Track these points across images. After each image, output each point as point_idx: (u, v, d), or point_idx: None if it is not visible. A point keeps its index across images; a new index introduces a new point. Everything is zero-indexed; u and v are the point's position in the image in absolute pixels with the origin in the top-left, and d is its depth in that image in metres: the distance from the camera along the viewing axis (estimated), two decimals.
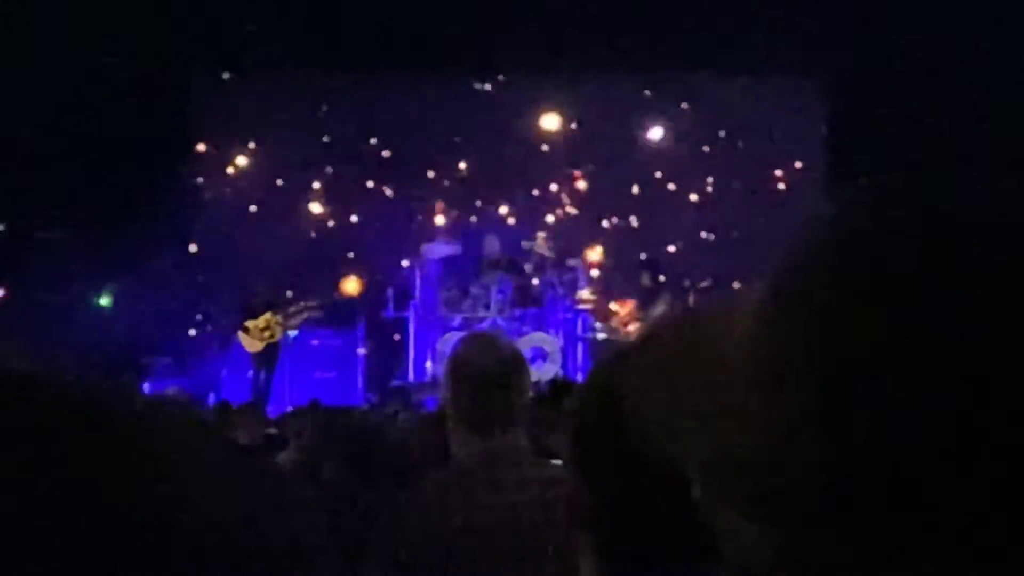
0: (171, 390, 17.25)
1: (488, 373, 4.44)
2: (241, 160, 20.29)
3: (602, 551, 2.07)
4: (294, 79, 19.67)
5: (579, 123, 20.29)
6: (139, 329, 18.11)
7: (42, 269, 17.35)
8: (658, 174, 20.44)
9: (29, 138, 17.42)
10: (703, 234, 20.31)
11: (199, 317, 19.46)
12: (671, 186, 20.54)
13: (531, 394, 4.85)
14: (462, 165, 20.23)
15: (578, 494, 2.11)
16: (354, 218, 20.21)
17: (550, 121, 20.30)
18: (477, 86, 20.02)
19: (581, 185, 20.44)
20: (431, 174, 20.20)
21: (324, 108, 20.09)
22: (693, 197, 20.51)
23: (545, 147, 20.35)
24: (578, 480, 2.11)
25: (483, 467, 4.23)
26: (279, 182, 20.13)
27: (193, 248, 19.90)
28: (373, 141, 20.23)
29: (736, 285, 19.82)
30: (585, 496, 2.09)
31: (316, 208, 20.23)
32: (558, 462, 4.07)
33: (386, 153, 20.28)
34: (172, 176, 19.28)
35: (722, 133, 20.34)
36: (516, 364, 4.64)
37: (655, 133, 20.57)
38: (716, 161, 20.38)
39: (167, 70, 19.00)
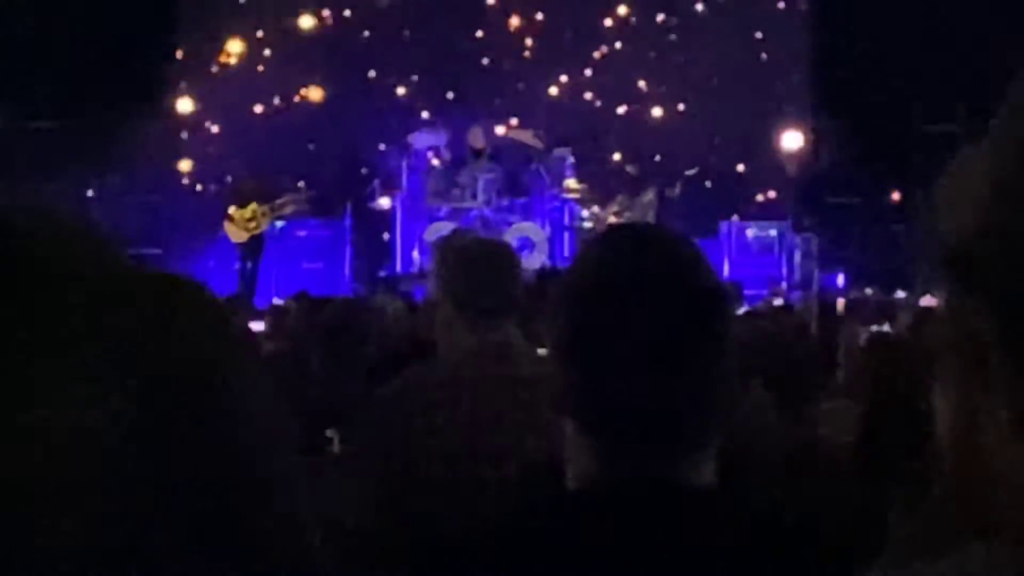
0: None
1: (484, 259, 4.41)
2: (230, 46, 20.16)
3: (585, 432, 2.09)
4: None
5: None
6: (125, 221, 18.05)
7: (28, 159, 17.28)
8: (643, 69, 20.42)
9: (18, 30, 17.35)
10: (689, 121, 20.25)
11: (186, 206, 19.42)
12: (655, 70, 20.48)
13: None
14: (450, 52, 20.12)
15: (561, 378, 2.13)
16: (341, 104, 20.12)
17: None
18: None
19: (567, 77, 20.39)
20: (420, 61, 20.12)
21: None
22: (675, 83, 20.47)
23: (530, 40, 20.32)
24: (563, 362, 2.13)
25: (471, 367, 4.20)
26: (262, 68, 20.06)
27: (183, 136, 19.86)
28: (365, 33, 20.17)
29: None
30: (569, 378, 2.11)
31: (304, 94, 20.17)
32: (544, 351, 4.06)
33: (372, 36, 20.19)
34: (160, 59, 19.17)
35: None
36: (509, 252, 4.64)
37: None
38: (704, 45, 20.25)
39: None
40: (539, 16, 20.39)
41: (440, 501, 3.87)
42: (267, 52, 20.14)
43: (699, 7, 20.38)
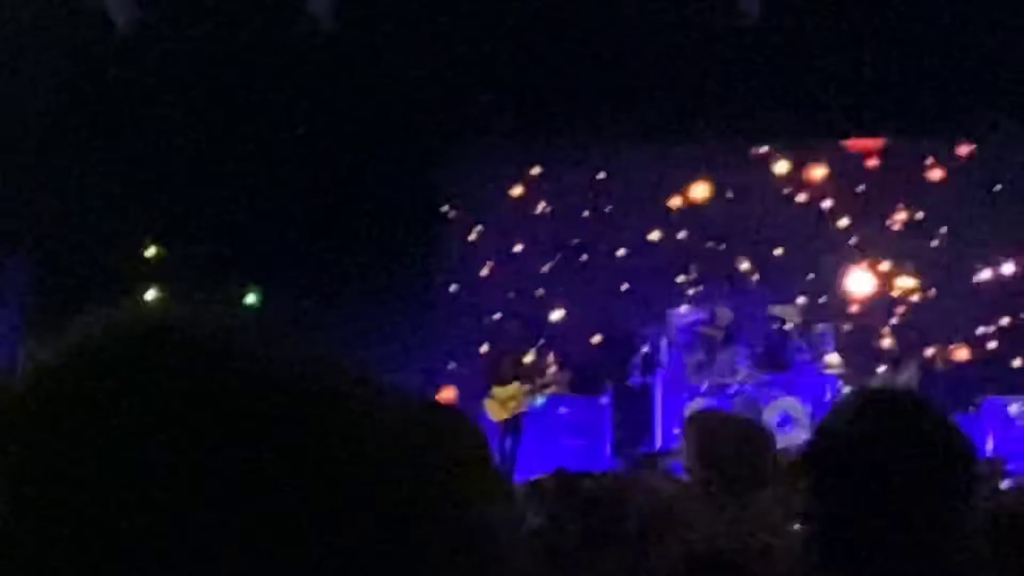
0: None
1: (733, 434, 4.40)
2: (482, 227, 20.53)
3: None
4: (540, 146, 19.89)
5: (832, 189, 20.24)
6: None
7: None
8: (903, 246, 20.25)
9: (292, 208, 17.92)
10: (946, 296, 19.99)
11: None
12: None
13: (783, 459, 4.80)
14: (710, 230, 20.21)
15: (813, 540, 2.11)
16: (599, 284, 20.29)
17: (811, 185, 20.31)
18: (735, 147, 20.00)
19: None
20: (680, 238, 20.26)
21: (565, 176, 20.28)
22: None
23: (795, 212, 20.31)
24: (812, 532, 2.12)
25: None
26: (520, 248, 20.35)
27: (439, 313, 20.21)
28: (611, 208, 20.39)
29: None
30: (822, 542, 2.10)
31: (560, 275, 20.39)
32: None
33: (628, 219, 20.38)
34: (409, 242, 19.61)
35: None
36: (765, 430, 4.63)
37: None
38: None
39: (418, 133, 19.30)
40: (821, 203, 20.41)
41: None
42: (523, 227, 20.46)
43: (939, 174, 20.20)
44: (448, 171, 20.54)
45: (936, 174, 20.17)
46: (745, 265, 20.13)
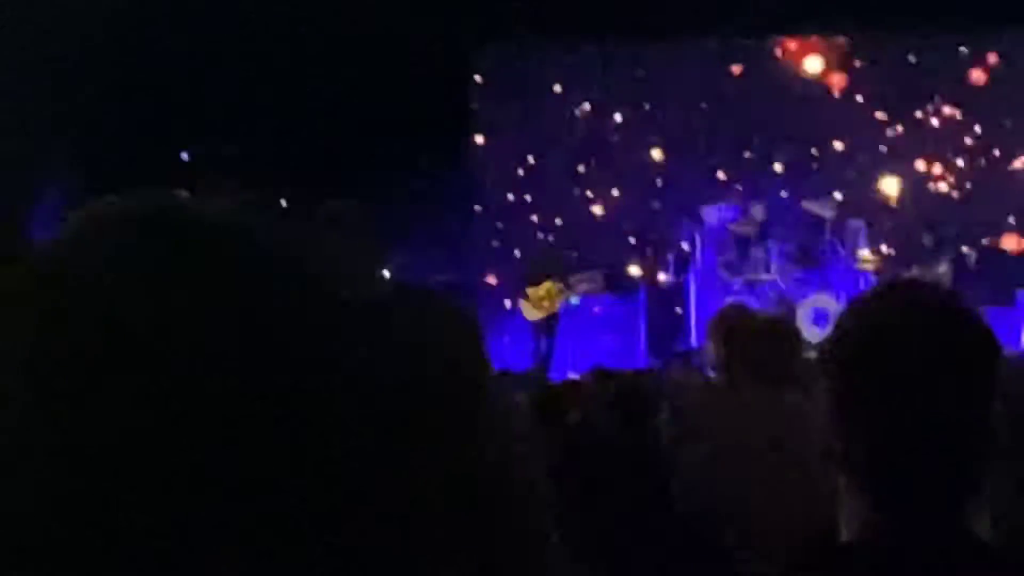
0: None
1: (768, 330, 4.46)
2: (523, 127, 20.53)
3: (862, 486, 2.11)
4: (570, 48, 19.84)
5: (858, 83, 20.15)
6: None
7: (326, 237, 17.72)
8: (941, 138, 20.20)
9: (317, 114, 17.93)
10: (984, 189, 19.96)
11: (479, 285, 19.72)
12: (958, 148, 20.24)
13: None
14: (742, 127, 20.19)
15: (836, 435, 2.14)
16: (632, 182, 20.34)
17: (835, 78, 20.21)
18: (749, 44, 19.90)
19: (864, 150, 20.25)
20: (710, 137, 20.24)
21: (597, 76, 20.24)
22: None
23: (826, 105, 20.24)
24: (837, 419, 2.15)
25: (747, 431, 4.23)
26: (558, 151, 20.35)
27: (477, 210, 20.23)
28: (647, 106, 20.36)
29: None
30: (843, 434, 2.13)
31: (595, 177, 20.42)
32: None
33: (661, 117, 20.37)
34: (456, 146, 19.63)
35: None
36: (787, 326, 4.68)
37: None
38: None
39: (450, 41, 19.26)
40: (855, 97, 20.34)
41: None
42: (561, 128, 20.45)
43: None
44: (482, 70, 20.57)
45: (975, 74, 20.07)
46: (779, 161, 20.10)
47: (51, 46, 16.09)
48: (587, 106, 20.58)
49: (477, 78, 20.56)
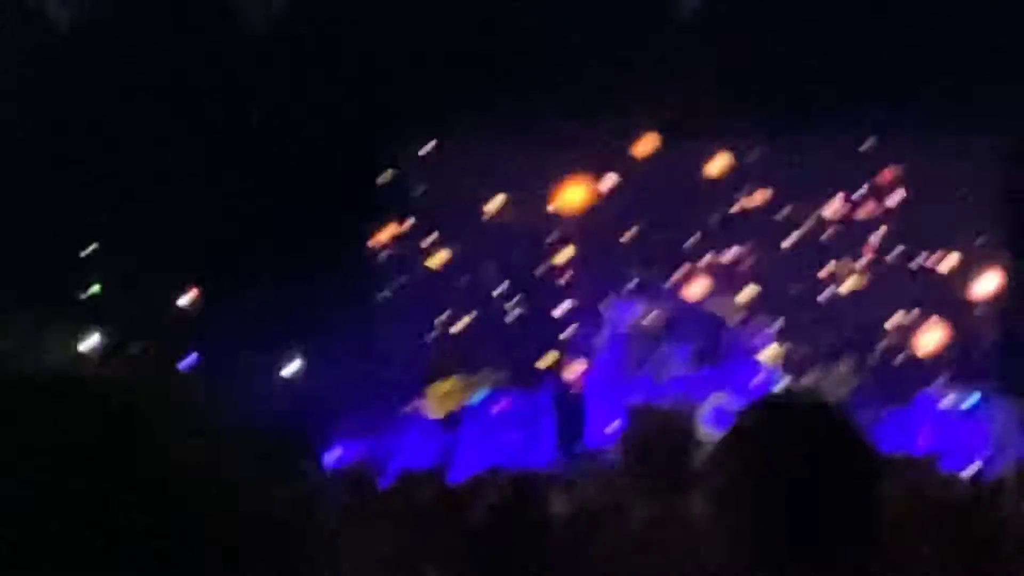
0: (354, 459, 17.49)
1: (659, 448, 4.50)
2: (429, 219, 20.56)
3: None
4: (477, 142, 19.91)
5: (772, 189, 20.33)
6: (322, 395, 18.36)
7: (229, 335, 17.68)
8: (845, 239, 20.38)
9: (218, 205, 17.85)
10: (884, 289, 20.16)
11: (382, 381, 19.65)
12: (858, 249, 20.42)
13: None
14: (648, 224, 20.29)
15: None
16: (538, 278, 20.40)
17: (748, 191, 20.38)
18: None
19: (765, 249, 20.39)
20: (615, 236, 20.33)
21: (502, 171, 20.31)
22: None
23: (734, 209, 20.38)
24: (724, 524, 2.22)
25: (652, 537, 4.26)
26: (465, 245, 20.38)
27: (381, 304, 20.18)
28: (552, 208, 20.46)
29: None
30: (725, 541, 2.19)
31: (500, 272, 20.44)
32: None
33: (568, 213, 20.47)
34: (361, 238, 19.64)
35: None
36: (684, 435, 4.71)
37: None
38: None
39: (356, 133, 19.29)
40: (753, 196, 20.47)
41: None
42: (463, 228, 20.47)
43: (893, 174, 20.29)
44: (388, 162, 20.60)
45: (881, 171, 20.28)
46: (682, 259, 20.22)
47: None
48: (495, 201, 20.61)
49: (386, 172, 20.56)
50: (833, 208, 20.38)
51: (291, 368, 19.24)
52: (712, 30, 17.64)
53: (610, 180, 20.32)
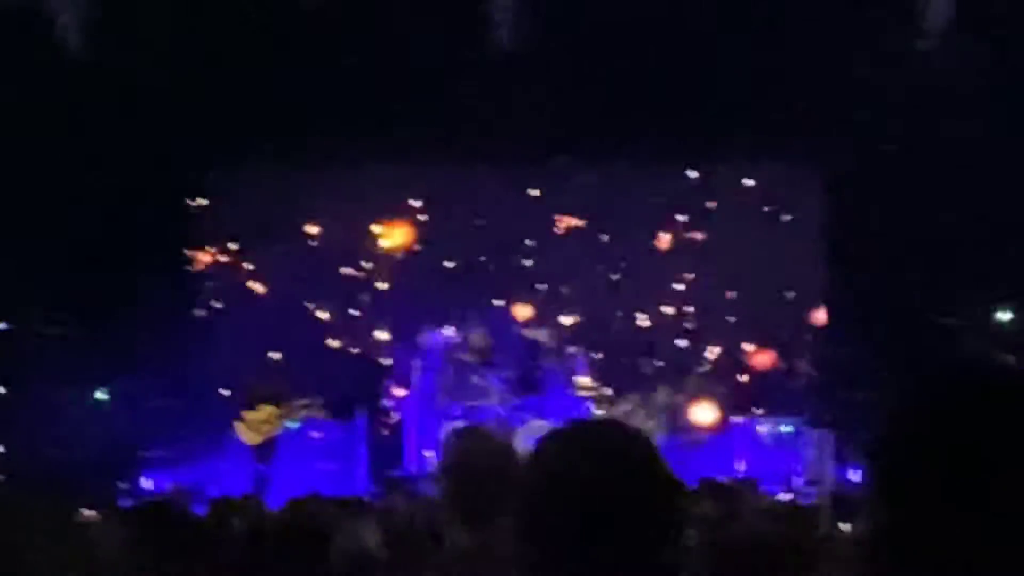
0: (169, 487, 17.28)
1: (480, 469, 4.47)
2: (249, 247, 20.42)
3: None
4: (292, 171, 19.81)
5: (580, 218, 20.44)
6: (138, 423, 18.13)
7: (41, 366, 17.40)
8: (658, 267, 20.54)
9: (29, 235, 17.55)
10: (698, 322, 20.39)
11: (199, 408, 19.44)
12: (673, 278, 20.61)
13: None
14: (464, 250, 20.33)
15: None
16: (353, 311, 20.35)
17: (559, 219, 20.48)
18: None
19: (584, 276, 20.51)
20: (431, 263, 20.35)
21: (320, 198, 20.23)
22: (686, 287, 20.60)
23: (547, 230, 20.50)
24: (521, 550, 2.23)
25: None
26: (282, 273, 20.27)
27: (198, 332, 19.98)
28: (373, 228, 20.42)
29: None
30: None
31: (316, 299, 20.37)
32: None
33: (385, 243, 20.43)
34: (170, 269, 19.40)
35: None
36: (505, 460, 4.69)
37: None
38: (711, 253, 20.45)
39: (167, 167, 19.10)
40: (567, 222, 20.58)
41: None
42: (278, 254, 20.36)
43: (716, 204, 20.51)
44: (206, 190, 20.42)
45: (703, 199, 20.49)
46: (499, 286, 20.28)
47: None
48: (312, 228, 20.51)
49: (200, 200, 20.36)
50: (654, 238, 20.55)
51: (104, 397, 18.95)
52: (532, 62, 17.71)
53: (428, 210, 20.35)
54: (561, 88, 17.74)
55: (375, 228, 20.48)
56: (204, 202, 20.32)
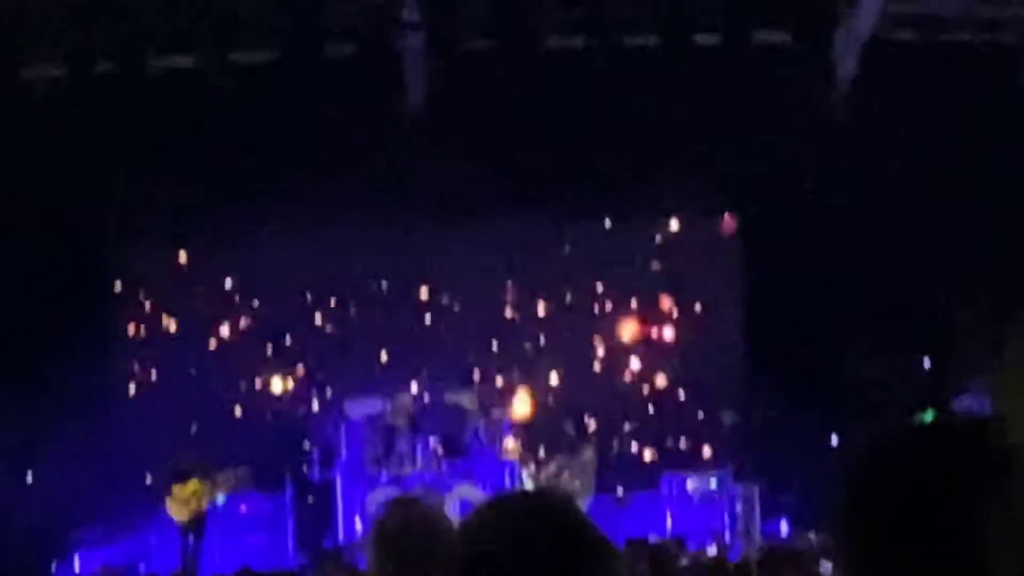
0: (98, 568, 17.11)
1: (409, 538, 4.52)
2: (163, 324, 20.32)
3: None
4: (208, 242, 19.80)
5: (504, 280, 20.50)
6: (67, 502, 17.95)
7: None
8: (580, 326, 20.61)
9: None
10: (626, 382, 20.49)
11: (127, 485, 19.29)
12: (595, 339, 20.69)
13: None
14: (386, 319, 20.33)
15: None
16: (279, 382, 20.29)
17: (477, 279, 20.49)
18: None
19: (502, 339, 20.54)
20: (356, 334, 20.34)
21: (236, 270, 20.23)
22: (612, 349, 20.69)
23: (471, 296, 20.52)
24: None
25: None
26: (203, 345, 20.19)
27: (121, 407, 19.86)
28: (297, 299, 20.38)
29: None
30: None
31: (239, 371, 20.28)
32: None
33: (309, 311, 20.42)
34: (103, 341, 19.34)
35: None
36: (436, 528, 4.72)
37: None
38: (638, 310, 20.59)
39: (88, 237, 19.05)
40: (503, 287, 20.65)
41: None
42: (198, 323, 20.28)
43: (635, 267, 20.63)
44: (127, 265, 20.35)
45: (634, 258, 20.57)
46: (423, 354, 20.27)
47: None
48: (233, 298, 20.44)
49: (118, 281, 20.28)
50: (569, 294, 20.62)
51: (29, 476, 18.78)
52: (437, 127, 17.82)
53: (353, 277, 20.32)
54: (465, 149, 17.89)
55: (301, 296, 20.40)
56: (122, 283, 20.21)
